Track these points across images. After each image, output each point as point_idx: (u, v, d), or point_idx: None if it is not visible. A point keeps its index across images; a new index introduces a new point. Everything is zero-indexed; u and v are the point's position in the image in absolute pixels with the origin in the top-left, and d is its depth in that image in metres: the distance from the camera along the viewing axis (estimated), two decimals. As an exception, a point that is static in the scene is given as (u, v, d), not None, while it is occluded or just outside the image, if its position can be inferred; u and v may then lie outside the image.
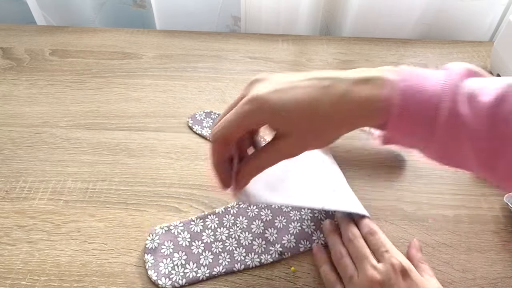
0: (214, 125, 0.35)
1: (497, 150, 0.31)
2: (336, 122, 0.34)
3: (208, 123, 0.59)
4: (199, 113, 0.61)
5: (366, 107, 0.33)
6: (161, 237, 0.46)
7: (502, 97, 0.31)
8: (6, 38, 0.74)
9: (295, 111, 0.33)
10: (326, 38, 0.76)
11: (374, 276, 0.37)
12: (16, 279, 0.43)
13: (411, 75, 0.33)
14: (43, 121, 0.60)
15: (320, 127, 0.34)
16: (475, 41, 0.76)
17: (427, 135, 0.33)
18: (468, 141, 0.32)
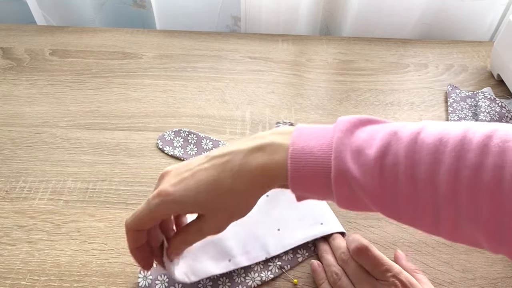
0: (130, 216, 0.37)
1: (393, 201, 0.32)
2: (242, 194, 0.35)
3: (179, 142, 0.57)
4: (167, 133, 0.58)
5: (263, 175, 0.34)
6: (154, 272, 0.43)
7: (386, 148, 0.31)
8: (6, 38, 0.74)
9: (199, 197, 0.34)
10: (326, 38, 0.76)
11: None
12: (16, 279, 0.43)
13: (300, 137, 0.34)
14: (43, 121, 0.60)
15: (229, 203, 0.35)
16: (475, 41, 0.76)
17: (327, 192, 0.33)
18: (364, 195, 0.32)
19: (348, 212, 0.50)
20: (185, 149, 0.56)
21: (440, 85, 0.67)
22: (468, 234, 0.30)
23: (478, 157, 0.28)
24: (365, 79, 0.68)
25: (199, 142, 0.57)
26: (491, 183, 0.28)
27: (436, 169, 0.29)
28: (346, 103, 0.64)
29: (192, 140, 0.57)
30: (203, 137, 0.58)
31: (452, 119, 0.61)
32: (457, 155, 0.29)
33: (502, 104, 0.60)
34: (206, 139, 0.57)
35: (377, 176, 0.31)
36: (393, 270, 0.39)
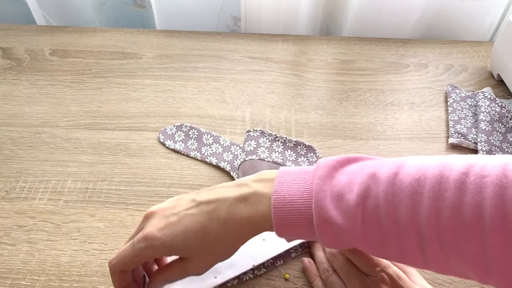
0: (114, 256, 0.38)
1: (379, 243, 0.32)
2: (228, 242, 0.36)
3: (180, 136, 0.58)
4: (169, 127, 0.59)
5: (249, 226, 0.35)
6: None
7: (366, 192, 0.32)
8: (6, 38, 0.74)
9: (187, 243, 0.35)
10: (326, 38, 0.76)
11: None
12: (16, 279, 0.43)
13: (282, 185, 0.34)
14: (43, 121, 0.60)
15: (215, 249, 0.36)
16: (475, 41, 0.76)
17: (313, 236, 0.34)
18: (348, 238, 0.33)
19: None
20: (186, 144, 0.57)
21: (440, 85, 0.67)
22: (456, 269, 0.31)
23: (456, 196, 0.29)
24: (365, 79, 0.68)
25: (200, 137, 0.58)
26: (471, 220, 0.28)
27: (416, 211, 0.30)
28: (346, 103, 0.64)
29: (193, 135, 0.58)
30: (204, 132, 0.58)
31: (452, 119, 0.61)
32: (435, 195, 0.29)
33: (502, 104, 0.60)
34: (207, 134, 0.58)
35: (360, 221, 0.32)
36: (381, 264, 0.39)
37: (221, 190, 0.36)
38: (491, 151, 0.55)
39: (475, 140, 0.57)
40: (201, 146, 0.57)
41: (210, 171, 0.54)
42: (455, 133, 0.58)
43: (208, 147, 0.57)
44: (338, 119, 0.61)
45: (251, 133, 0.54)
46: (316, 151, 0.55)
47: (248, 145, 0.53)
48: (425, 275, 0.44)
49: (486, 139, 0.56)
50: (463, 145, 0.57)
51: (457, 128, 0.59)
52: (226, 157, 0.55)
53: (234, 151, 0.56)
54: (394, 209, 0.31)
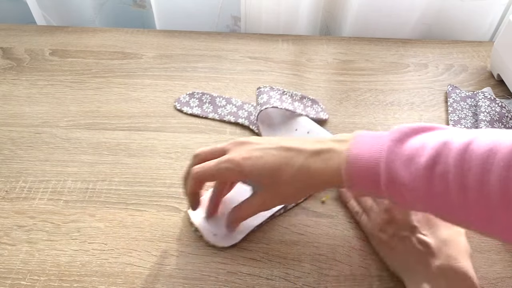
0: (198, 164, 0.43)
1: (445, 207, 0.34)
2: (296, 189, 0.41)
3: (195, 102, 0.62)
4: (182, 96, 0.63)
5: (319, 178, 0.39)
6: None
7: (436, 157, 0.33)
8: (6, 38, 0.74)
9: (262, 176, 0.40)
10: (326, 38, 0.76)
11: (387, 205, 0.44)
12: (16, 279, 0.43)
13: (356, 145, 0.38)
14: (43, 121, 0.60)
15: (283, 191, 0.41)
16: (475, 41, 0.76)
17: (378, 194, 0.37)
18: (414, 200, 0.35)
19: (348, 212, 0.50)
20: (202, 108, 0.62)
21: (440, 85, 0.67)
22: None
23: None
24: (365, 79, 0.68)
25: (213, 100, 0.63)
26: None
27: (485, 179, 0.31)
28: (346, 103, 0.64)
29: (206, 100, 0.63)
30: (215, 96, 0.63)
31: (452, 119, 0.61)
32: (506, 164, 0.30)
33: (502, 104, 0.60)
34: (219, 98, 0.63)
35: (426, 183, 0.34)
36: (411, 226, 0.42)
37: (303, 141, 0.41)
38: (491, 151, 0.55)
39: (475, 140, 0.57)
40: (216, 108, 0.62)
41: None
42: (455, 133, 0.58)
43: (223, 108, 0.61)
44: (338, 119, 0.61)
45: (261, 88, 0.60)
46: (320, 103, 0.62)
47: (261, 98, 0.58)
48: (425, 275, 0.44)
49: (486, 139, 0.56)
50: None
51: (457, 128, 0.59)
52: (241, 114, 0.61)
53: (247, 109, 0.61)
54: (462, 175, 0.32)
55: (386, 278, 0.44)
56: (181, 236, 0.47)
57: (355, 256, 0.46)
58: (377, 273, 0.45)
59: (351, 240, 0.47)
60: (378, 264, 0.45)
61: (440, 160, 0.33)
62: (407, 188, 0.34)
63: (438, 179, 0.33)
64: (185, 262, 0.45)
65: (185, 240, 0.47)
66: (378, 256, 0.46)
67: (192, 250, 0.46)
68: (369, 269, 0.45)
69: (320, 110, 0.61)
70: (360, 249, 0.47)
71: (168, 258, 0.45)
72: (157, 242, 0.47)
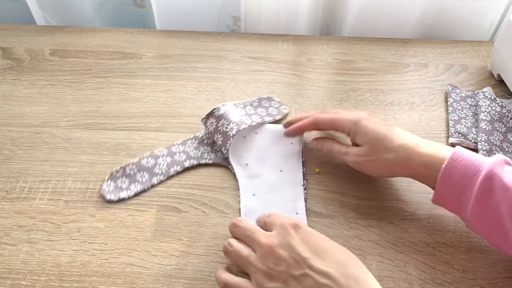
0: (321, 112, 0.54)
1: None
2: (392, 164, 0.47)
3: (125, 182, 0.52)
4: (105, 185, 0.51)
5: (426, 159, 0.44)
6: None
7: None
8: (6, 38, 0.74)
9: (372, 137, 0.48)
10: (326, 38, 0.76)
11: (270, 241, 0.39)
12: (16, 279, 0.43)
13: (461, 148, 0.43)
14: (43, 121, 0.60)
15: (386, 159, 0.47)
16: (475, 41, 0.76)
17: (467, 193, 0.41)
18: (506, 200, 0.39)
19: (348, 212, 0.50)
20: (138, 181, 0.52)
21: (440, 85, 0.67)
22: None
23: None
24: (365, 79, 0.68)
25: (141, 166, 0.53)
26: None
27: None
28: (346, 103, 0.64)
29: (132, 171, 0.53)
30: (135, 161, 0.54)
31: (452, 118, 0.61)
32: None
33: (502, 104, 0.60)
34: (145, 158, 0.54)
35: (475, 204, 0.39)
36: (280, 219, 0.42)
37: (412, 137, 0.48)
38: (491, 150, 0.55)
39: (475, 140, 0.57)
40: (153, 170, 0.53)
41: (210, 171, 0.54)
42: (455, 133, 0.58)
43: (160, 166, 0.53)
44: (338, 119, 0.61)
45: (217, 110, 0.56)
46: (273, 97, 0.64)
47: (222, 125, 0.55)
48: (425, 275, 0.44)
49: (486, 138, 0.56)
50: (463, 145, 0.57)
51: (457, 127, 0.59)
52: (193, 155, 0.55)
53: (190, 145, 0.56)
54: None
55: (386, 278, 0.44)
56: (181, 236, 0.47)
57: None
58: (377, 273, 0.45)
59: (351, 240, 0.47)
60: (378, 264, 0.45)
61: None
62: (504, 185, 0.38)
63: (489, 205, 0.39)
64: (185, 262, 0.45)
65: (185, 240, 0.47)
66: (378, 256, 0.46)
67: (192, 250, 0.46)
68: (369, 269, 0.44)
69: (278, 105, 0.62)
70: (360, 249, 0.47)
71: (168, 258, 0.45)
72: (157, 242, 0.47)
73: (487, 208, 0.40)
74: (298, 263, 0.37)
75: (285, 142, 0.56)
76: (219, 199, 0.51)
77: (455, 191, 0.42)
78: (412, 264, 0.45)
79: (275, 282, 0.37)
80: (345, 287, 0.34)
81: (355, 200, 0.51)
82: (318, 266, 0.36)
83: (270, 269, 0.37)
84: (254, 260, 0.39)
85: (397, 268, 0.45)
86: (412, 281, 0.44)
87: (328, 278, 0.35)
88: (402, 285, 0.44)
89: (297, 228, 0.39)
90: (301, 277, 0.36)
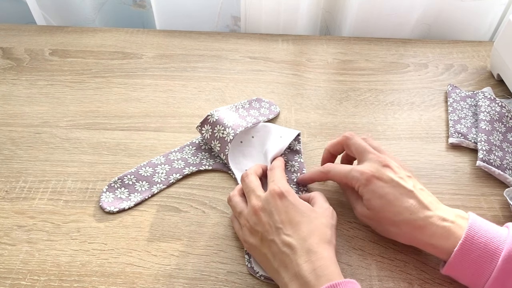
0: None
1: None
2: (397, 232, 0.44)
3: (123, 193, 0.51)
4: (104, 196, 0.50)
5: (435, 241, 0.41)
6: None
7: None
8: (6, 38, 0.74)
9: (377, 204, 0.43)
10: (326, 38, 0.76)
11: (256, 204, 0.43)
12: (16, 279, 0.43)
13: (477, 220, 0.41)
14: (43, 121, 0.60)
15: (389, 231, 0.44)
16: (475, 41, 0.76)
17: (485, 269, 0.38)
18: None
19: (348, 212, 0.50)
20: (137, 191, 0.51)
21: (440, 85, 0.67)
22: None
23: None
24: (365, 79, 0.68)
25: (139, 175, 0.53)
26: None
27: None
28: (346, 103, 0.64)
29: (130, 181, 0.52)
30: (133, 171, 0.53)
31: (452, 118, 0.61)
32: None
33: (502, 104, 0.60)
34: (142, 168, 0.53)
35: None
36: (275, 181, 0.45)
37: (430, 198, 0.43)
38: (491, 150, 0.55)
39: (475, 140, 0.57)
40: (151, 179, 0.52)
41: (209, 171, 0.54)
42: (455, 133, 0.58)
43: (158, 174, 0.53)
44: (338, 119, 0.61)
45: (211, 117, 0.55)
46: (262, 99, 0.63)
47: (218, 130, 0.54)
48: (425, 275, 0.44)
49: (486, 138, 0.56)
50: (463, 145, 0.57)
51: (457, 127, 0.59)
52: (192, 162, 0.54)
53: (188, 151, 0.56)
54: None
55: (386, 278, 0.44)
56: (181, 236, 0.47)
57: (355, 256, 0.46)
58: (377, 273, 0.45)
59: (351, 240, 0.47)
60: (378, 264, 0.45)
61: None
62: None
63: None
64: (185, 262, 0.45)
65: (185, 240, 0.47)
66: (378, 256, 0.46)
67: (192, 250, 0.46)
68: (369, 269, 0.45)
69: (268, 105, 0.62)
70: (360, 249, 0.47)
71: (168, 258, 0.45)
72: (157, 242, 0.47)
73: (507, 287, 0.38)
74: (272, 229, 0.42)
75: (283, 140, 0.56)
76: (219, 199, 0.51)
77: (470, 269, 0.39)
78: (412, 264, 0.45)
79: (254, 237, 0.43)
80: (300, 257, 0.39)
81: (355, 200, 0.51)
82: (284, 237, 0.41)
83: (252, 227, 0.43)
84: (245, 215, 0.45)
85: (397, 268, 0.45)
86: (412, 281, 0.44)
87: (289, 247, 0.40)
88: (402, 285, 0.44)
89: (282, 197, 0.43)
90: (270, 242, 0.41)
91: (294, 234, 0.40)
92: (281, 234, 0.41)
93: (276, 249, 0.40)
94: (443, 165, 0.56)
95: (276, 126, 0.58)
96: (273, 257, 0.41)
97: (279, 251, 0.40)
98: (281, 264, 0.40)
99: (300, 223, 0.41)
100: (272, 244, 0.41)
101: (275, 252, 0.41)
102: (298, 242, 0.40)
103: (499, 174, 0.53)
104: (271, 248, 0.41)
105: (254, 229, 0.43)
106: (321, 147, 0.57)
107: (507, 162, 0.54)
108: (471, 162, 0.56)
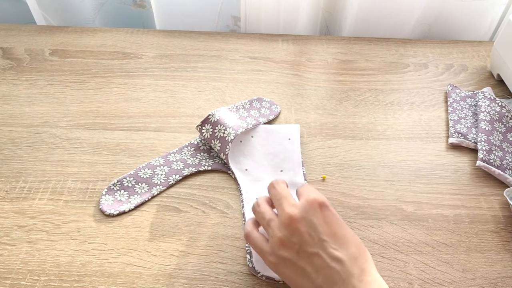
0: None
1: None
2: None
3: (123, 195, 0.51)
4: (104, 199, 0.50)
5: None
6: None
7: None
8: (6, 38, 0.74)
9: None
10: (326, 38, 0.76)
11: (292, 211, 0.38)
12: (16, 279, 0.43)
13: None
14: (43, 121, 0.60)
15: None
16: (475, 41, 0.76)
17: None
18: None
19: (347, 212, 0.50)
20: (137, 193, 0.51)
21: (440, 85, 0.67)
22: None
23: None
24: (365, 79, 0.68)
25: (139, 177, 0.52)
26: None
27: None
28: (346, 103, 0.64)
29: (129, 183, 0.52)
30: (133, 173, 0.53)
31: (452, 118, 0.61)
32: None
33: (502, 104, 0.60)
34: (141, 170, 0.53)
35: None
36: (309, 191, 0.40)
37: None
38: (491, 150, 0.55)
39: (475, 140, 0.57)
40: (151, 180, 0.52)
41: (209, 171, 0.54)
42: (455, 133, 0.58)
43: (158, 176, 0.52)
44: (338, 119, 0.61)
45: (212, 117, 0.55)
46: (264, 98, 0.63)
47: (219, 130, 0.54)
48: (425, 275, 0.44)
49: (486, 138, 0.56)
50: (463, 145, 0.57)
51: (457, 127, 0.59)
52: (191, 162, 0.54)
53: (186, 152, 0.55)
54: None
55: (386, 278, 0.44)
56: (181, 236, 0.47)
57: (355, 256, 0.46)
58: (377, 273, 0.45)
59: (351, 240, 0.47)
60: (378, 264, 0.45)
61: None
62: None
63: None
64: (185, 262, 0.45)
65: (185, 240, 0.47)
66: (378, 256, 0.46)
67: (192, 250, 0.46)
68: (369, 269, 0.45)
69: (269, 105, 0.62)
70: (360, 249, 0.46)
71: (168, 258, 0.45)
72: (157, 242, 0.47)
73: None
74: (314, 241, 0.37)
75: (282, 140, 0.56)
76: (219, 199, 0.51)
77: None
78: (412, 264, 0.45)
79: (288, 250, 0.37)
80: (352, 275, 0.35)
81: (355, 200, 0.51)
82: (331, 250, 0.36)
83: (286, 238, 0.38)
84: (274, 225, 0.39)
85: (397, 268, 0.45)
86: (412, 281, 0.44)
87: (339, 263, 0.36)
88: (402, 285, 0.44)
89: (323, 207, 0.38)
90: (312, 255, 0.37)
91: (341, 249, 0.36)
92: (327, 247, 0.36)
93: (321, 264, 0.36)
94: (443, 165, 0.56)
95: (274, 126, 0.58)
96: (315, 272, 0.36)
97: (326, 266, 0.36)
98: (327, 280, 0.36)
99: (346, 238, 0.37)
100: (315, 257, 0.36)
101: (319, 267, 0.36)
102: (348, 258, 0.36)
103: (499, 174, 0.53)
104: (314, 261, 0.36)
105: (290, 240, 0.37)
106: (321, 147, 0.57)
107: (507, 162, 0.54)
108: (471, 162, 0.56)
